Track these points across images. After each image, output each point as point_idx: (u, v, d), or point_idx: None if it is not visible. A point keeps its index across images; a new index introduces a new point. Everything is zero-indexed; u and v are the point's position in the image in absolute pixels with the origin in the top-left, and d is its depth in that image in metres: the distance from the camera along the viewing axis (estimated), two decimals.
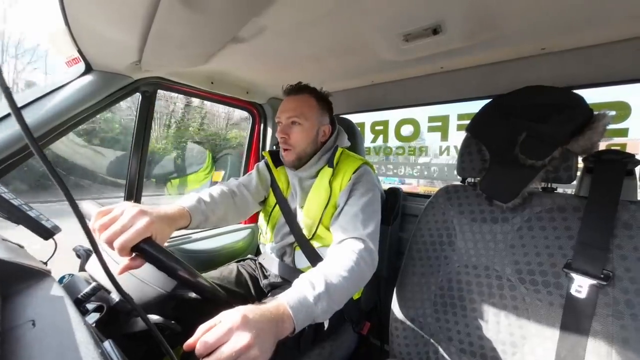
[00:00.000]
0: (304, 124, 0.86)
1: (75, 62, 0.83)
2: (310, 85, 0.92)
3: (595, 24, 0.70)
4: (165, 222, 0.59)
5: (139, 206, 0.54)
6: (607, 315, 0.61)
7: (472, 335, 0.76)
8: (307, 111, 0.87)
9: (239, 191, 0.92)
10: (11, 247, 0.50)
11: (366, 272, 0.69)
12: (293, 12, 0.68)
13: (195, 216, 0.71)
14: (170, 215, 0.62)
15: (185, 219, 0.68)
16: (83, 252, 0.76)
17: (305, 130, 0.87)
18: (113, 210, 0.53)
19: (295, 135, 0.86)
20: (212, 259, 1.26)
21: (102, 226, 0.51)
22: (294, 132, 0.86)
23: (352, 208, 0.80)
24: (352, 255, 0.68)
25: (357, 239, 0.73)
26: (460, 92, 1.06)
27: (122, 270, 0.51)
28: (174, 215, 0.64)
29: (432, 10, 0.67)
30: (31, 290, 0.40)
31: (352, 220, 0.77)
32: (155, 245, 0.51)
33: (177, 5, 0.57)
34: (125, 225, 0.50)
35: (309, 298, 0.54)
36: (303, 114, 0.86)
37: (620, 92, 0.86)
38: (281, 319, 0.49)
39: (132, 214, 0.52)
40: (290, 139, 0.87)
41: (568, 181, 0.73)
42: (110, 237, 0.49)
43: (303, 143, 0.87)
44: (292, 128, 0.87)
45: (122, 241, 0.49)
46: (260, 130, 1.55)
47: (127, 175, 1.10)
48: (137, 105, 1.07)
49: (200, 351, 0.40)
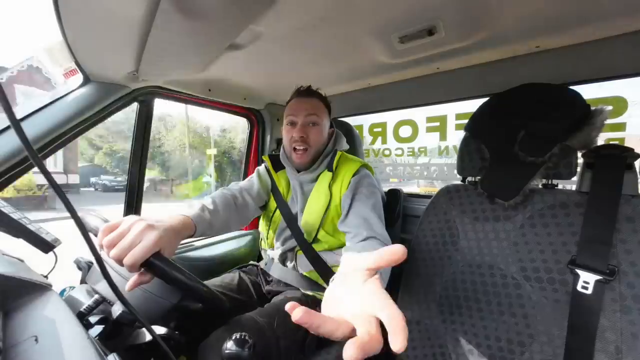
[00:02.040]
0: (319, 124, 0.88)
1: (72, 73, 0.83)
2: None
3: (587, 21, 0.71)
4: (172, 235, 0.58)
5: (146, 220, 0.54)
6: (614, 310, 0.61)
7: (479, 336, 0.76)
8: (321, 112, 0.90)
9: (241, 196, 0.92)
10: (11, 261, 0.49)
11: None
12: (289, 18, 0.68)
13: (200, 225, 0.71)
14: (176, 226, 0.62)
15: (190, 228, 0.67)
16: (84, 264, 0.75)
17: (321, 130, 0.89)
18: (120, 226, 0.52)
19: (314, 135, 0.87)
20: (214, 267, 1.25)
21: (110, 243, 0.50)
22: (313, 131, 0.87)
23: (361, 209, 0.79)
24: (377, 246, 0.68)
25: (372, 238, 0.72)
26: (457, 92, 1.07)
27: (132, 286, 0.51)
28: (179, 226, 0.63)
29: (427, 12, 0.68)
30: (33, 305, 0.39)
31: (364, 222, 0.76)
32: (164, 259, 0.50)
33: (173, 14, 0.58)
34: (134, 241, 0.49)
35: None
36: (319, 114, 0.88)
37: (615, 87, 0.87)
38: None
39: (140, 229, 0.51)
40: (309, 138, 0.87)
41: (568, 177, 0.73)
42: (119, 255, 0.48)
43: (319, 143, 0.89)
44: (310, 128, 0.88)
45: (131, 258, 0.48)
46: (259, 135, 1.56)
47: (127, 185, 1.10)
48: (135, 115, 1.07)
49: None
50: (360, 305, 0.29)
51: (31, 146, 0.30)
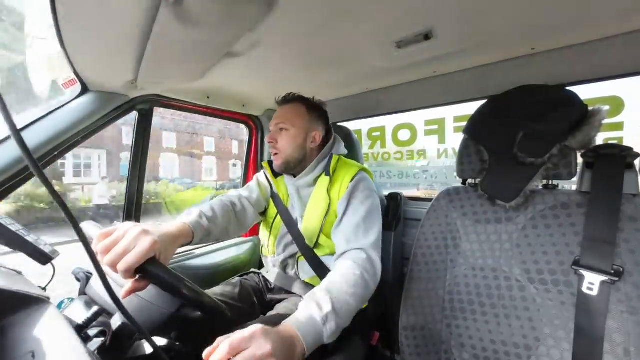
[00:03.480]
0: (290, 130, 0.89)
1: (71, 83, 0.83)
2: (302, 95, 0.95)
3: (582, 23, 0.72)
4: (169, 241, 0.58)
5: (141, 226, 0.53)
6: (621, 312, 0.60)
7: (484, 340, 0.74)
8: (295, 118, 0.90)
9: (240, 203, 0.93)
10: (7, 273, 0.48)
11: (370, 284, 0.68)
12: (287, 25, 0.69)
13: (198, 232, 0.70)
14: (173, 233, 0.61)
15: (187, 235, 0.67)
16: (83, 274, 0.74)
17: (291, 136, 0.89)
18: (115, 232, 0.52)
19: (282, 140, 0.90)
20: (214, 275, 1.24)
21: (104, 248, 0.49)
22: (281, 137, 0.90)
23: (353, 217, 0.80)
24: (355, 268, 0.67)
25: (359, 250, 0.73)
26: (454, 95, 1.07)
27: (127, 293, 0.50)
28: (176, 233, 0.63)
29: (423, 17, 0.68)
30: (30, 319, 0.38)
31: (354, 231, 0.77)
32: (159, 265, 0.50)
33: (171, 23, 0.58)
34: (128, 247, 0.49)
35: (317, 319, 0.53)
36: (289, 120, 0.90)
37: (612, 87, 0.88)
38: (292, 343, 0.48)
39: (135, 235, 0.50)
40: (277, 143, 0.90)
41: (569, 177, 0.73)
42: (113, 260, 0.48)
43: (289, 148, 0.89)
44: (279, 134, 0.90)
45: (125, 263, 0.47)
46: (258, 142, 1.56)
47: (126, 194, 1.09)
48: (134, 124, 1.07)
49: (222, 354, 0.40)
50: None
51: (32, 156, 0.29)
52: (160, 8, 0.54)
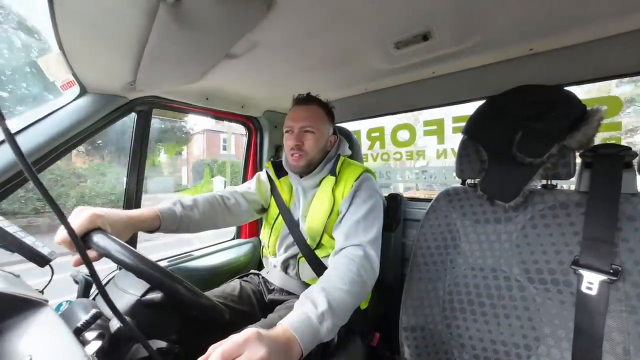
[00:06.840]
0: (316, 133, 0.89)
1: (70, 85, 0.83)
2: (319, 98, 0.95)
3: (579, 23, 0.72)
4: (122, 221, 0.61)
5: (91, 208, 0.58)
6: (620, 311, 0.60)
7: (484, 340, 0.74)
8: (319, 121, 0.90)
9: (233, 197, 0.94)
10: (6, 276, 0.48)
11: (367, 281, 0.68)
12: (285, 27, 0.69)
13: (167, 219, 0.72)
14: (132, 215, 0.65)
15: (154, 220, 0.69)
16: (81, 277, 0.73)
17: (317, 138, 0.89)
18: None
19: (309, 142, 0.89)
20: (214, 276, 1.23)
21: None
22: (308, 139, 0.89)
23: (354, 215, 0.80)
24: (351, 265, 0.67)
25: (357, 246, 0.73)
26: (453, 95, 1.07)
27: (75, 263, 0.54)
28: (137, 216, 0.66)
29: (421, 17, 0.68)
30: (28, 322, 0.38)
31: (353, 227, 0.78)
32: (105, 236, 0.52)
33: (170, 24, 0.58)
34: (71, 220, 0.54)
35: (313, 318, 0.52)
36: (315, 123, 0.89)
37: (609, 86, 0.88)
38: (288, 345, 0.47)
39: (75, 212, 0.57)
40: (304, 145, 0.89)
41: (567, 177, 0.73)
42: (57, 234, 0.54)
43: (314, 150, 0.90)
44: (305, 135, 0.89)
45: (61, 233, 0.53)
46: (257, 143, 1.56)
47: (125, 196, 1.09)
48: (132, 125, 1.07)
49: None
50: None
51: (26, 159, 0.29)
52: (159, 9, 0.53)
